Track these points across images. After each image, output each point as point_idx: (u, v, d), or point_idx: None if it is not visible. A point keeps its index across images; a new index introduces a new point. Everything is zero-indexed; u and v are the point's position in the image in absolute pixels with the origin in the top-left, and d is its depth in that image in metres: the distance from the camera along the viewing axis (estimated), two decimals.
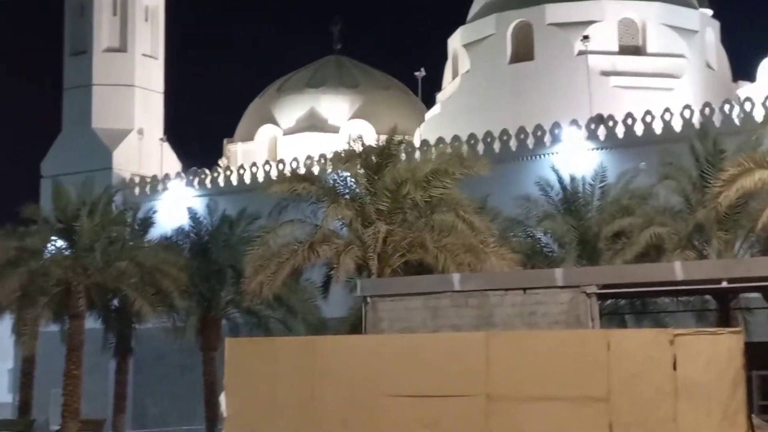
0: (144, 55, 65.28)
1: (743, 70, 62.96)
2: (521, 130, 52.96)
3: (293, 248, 29.80)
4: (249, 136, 68.59)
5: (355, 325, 27.78)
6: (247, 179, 59.10)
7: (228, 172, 61.03)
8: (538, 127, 52.50)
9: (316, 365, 19.11)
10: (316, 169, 43.50)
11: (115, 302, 41.76)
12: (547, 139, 52.18)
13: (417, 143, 55.83)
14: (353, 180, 30.79)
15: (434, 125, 60.53)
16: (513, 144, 52.98)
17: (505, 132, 53.20)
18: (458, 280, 23.57)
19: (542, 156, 51.35)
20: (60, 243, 39.72)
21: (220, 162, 67.06)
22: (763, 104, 47.54)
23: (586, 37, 56.70)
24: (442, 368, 18.10)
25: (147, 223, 44.05)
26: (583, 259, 32.49)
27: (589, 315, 21.88)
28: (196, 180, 60.93)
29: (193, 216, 43.10)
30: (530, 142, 52.67)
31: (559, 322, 21.80)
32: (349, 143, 31.74)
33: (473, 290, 23.08)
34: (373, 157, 30.42)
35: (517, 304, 22.44)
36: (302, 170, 49.10)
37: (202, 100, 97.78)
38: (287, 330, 39.06)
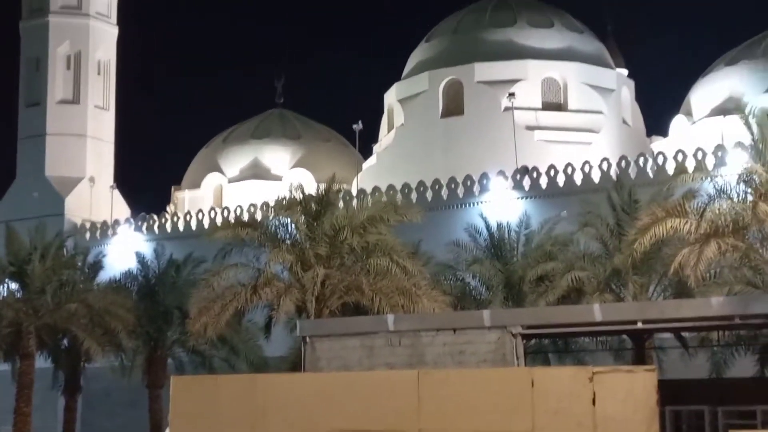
0: (96, 106, 64.97)
1: (656, 126, 64.20)
2: (452, 180, 53.33)
3: (236, 291, 29.62)
4: (196, 184, 68.22)
5: (295, 363, 27.64)
6: (194, 225, 58.72)
7: (175, 218, 60.61)
8: (468, 177, 52.91)
9: (257, 402, 18.98)
10: (259, 216, 43.29)
11: (65, 342, 41.12)
12: (475, 188, 52.58)
13: (354, 192, 55.91)
14: (294, 226, 30.73)
15: (371, 175, 60.75)
16: (444, 193, 53.30)
17: (437, 182, 53.55)
18: (392, 321, 23.58)
19: (471, 204, 51.70)
20: (12, 286, 39.18)
21: (167, 208, 66.49)
22: (675, 158, 48.37)
23: (512, 94, 57.39)
24: (377, 404, 18.03)
25: (97, 266, 43.49)
26: (509, 302, 32.59)
27: (515, 354, 21.99)
28: (145, 225, 60.43)
29: (141, 260, 42.62)
30: (460, 191, 53.04)
31: (487, 361, 21.88)
32: (290, 191, 31.70)
33: (406, 330, 23.11)
34: (313, 205, 30.42)
35: (448, 343, 22.49)
36: (246, 217, 48.94)
37: (152, 148, 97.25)
38: (230, 368, 38.69)
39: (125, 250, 53.35)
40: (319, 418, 18.33)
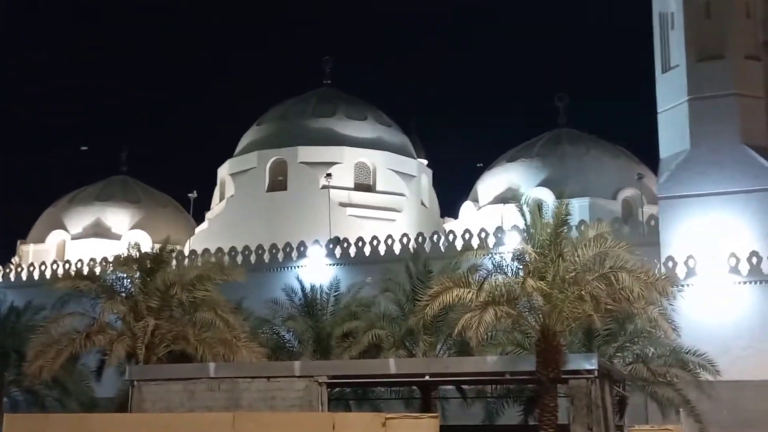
0: None
1: (449, 209, 65.95)
2: (273, 246, 53.22)
3: (72, 337, 28.34)
4: (41, 239, 65.52)
5: (122, 404, 26.56)
6: (36, 275, 56.35)
7: (19, 269, 57.99)
8: (287, 244, 52.95)
9: None
10: (98, 270, 41.81)
11: None
12: (294, 254, 52.63)
13: (187, 252, 55.06)
14: (129, 281, 29.81)
15: (202, 238, 59.91)
16: (266, 257, 53.09)
17: (260, 247, 53.32)
18: (213, 369, 23.18)
19: (289, 268, 51.63)
20: None
21: (12, 260, 63.55)
22: (463, 236, 49.81)
23: (329, 175, 58.11)
24: None
25: None
26: (318, 354, 32.45)
27: (320, 400, 21.92)
28: None
29: None
30: (280, 256, 52.96)
31: (296, 405, 21.71)
32: (128, 249, 30.81)
33: (225, 377, 22.73)
34: (147, 262, 29.60)
35: (262, 389, 22.23)
36: (85, 270, 47.14)
37: None
38: (62, 407, 36.85)
39: None
40: None
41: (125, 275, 29.91)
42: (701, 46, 46.50)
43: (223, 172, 64.09)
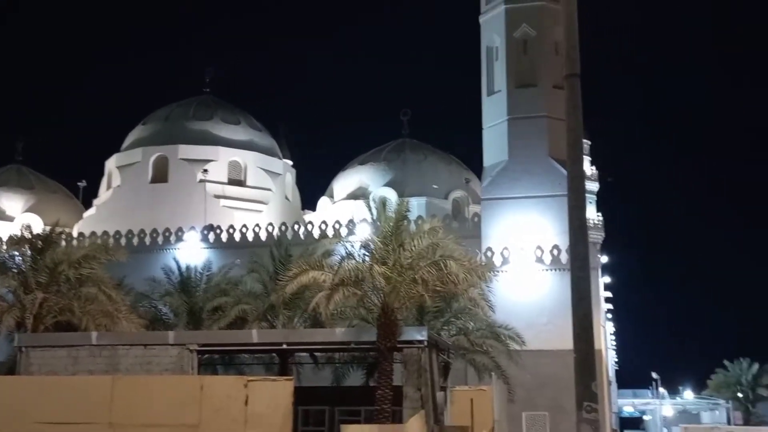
0: None
1: (309, 203, 65.78)
2: (154, 231, 51.78)
3: None
4: None
5: (11, 368, 25.24)
6: None
7: None
8: (167, 230, 51.62)
9: None
10: None
11: None
12: (172, 238, 51.35)
13: (75, 234, 52.85)
14: (21, 258, 28.35)
15: (90, 223, 57.60)
16: (147, 240, 51.58)
17: (142, 231, 51.81)
18: (95, 337, 22.37)
19: (168, 250, 50.30)
20: None
21: None
22: (320, 227, 49.82)
23: (205, 171, 56.96)
24: (77, 402, 16.93)
25: None
26: (191, 325, 31.76)
27: (191, 365, 21.51)
28: None
29: None
30: (160, 239, 51.55)
31: (169, 370, 21.23)
32: (20, 230, 29.28)
33: (106, 345, 21.97)
34: (38, 242, 28.23)
35: (139, 356, 21.63)
36: None
37: None
38: None
39: None
40: (29, 413, 16.90)
41: (17, 253, 28.46)
42: (519, 75, 48.19)
43: (111, 164, 61.79)
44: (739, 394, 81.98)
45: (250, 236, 50.74)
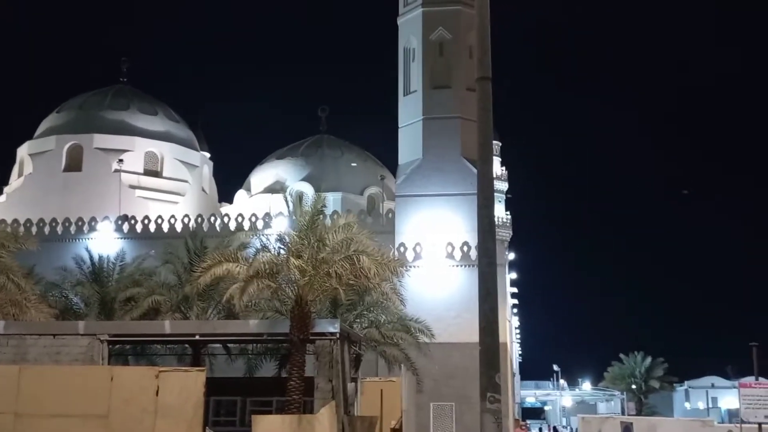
0: None
1: (226, 196, 64.94)
2: (66, 220, 50.13)
3: None
4: None
5: None
6: None
7: None
8: (80, 219, 50.07)
9: None
10: None
11: None
12: (85, 228, 49.85)
13: None
14: None
15: (0, 211, 55.32)
16: (59, 229, 49.91)
17: (54, 220, 50.07)
18: (2, 326, 21.48)
19: (81, 240, 48.83)
20: None
21: None
22: (236, 219, 49.21)
23: (121, 161, 55.52)
24: None
25: None
26: (102, 316, 30.91)
27: (101, 356, 20.93)
28: None
29: None
30: (72, 229, 49.99)
31: (78, 360, 20.59)
32: None
33: (14, 334, 21.15)
34: None
35: (48, 345, 20.89)
36: None
37: None
38: None
39: None
40: None
41: None
42: (434, 77, 48.68)
43: (23, 151, 59.49)
44: (633, 386, 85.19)
45: (165, 227, 49.70)
